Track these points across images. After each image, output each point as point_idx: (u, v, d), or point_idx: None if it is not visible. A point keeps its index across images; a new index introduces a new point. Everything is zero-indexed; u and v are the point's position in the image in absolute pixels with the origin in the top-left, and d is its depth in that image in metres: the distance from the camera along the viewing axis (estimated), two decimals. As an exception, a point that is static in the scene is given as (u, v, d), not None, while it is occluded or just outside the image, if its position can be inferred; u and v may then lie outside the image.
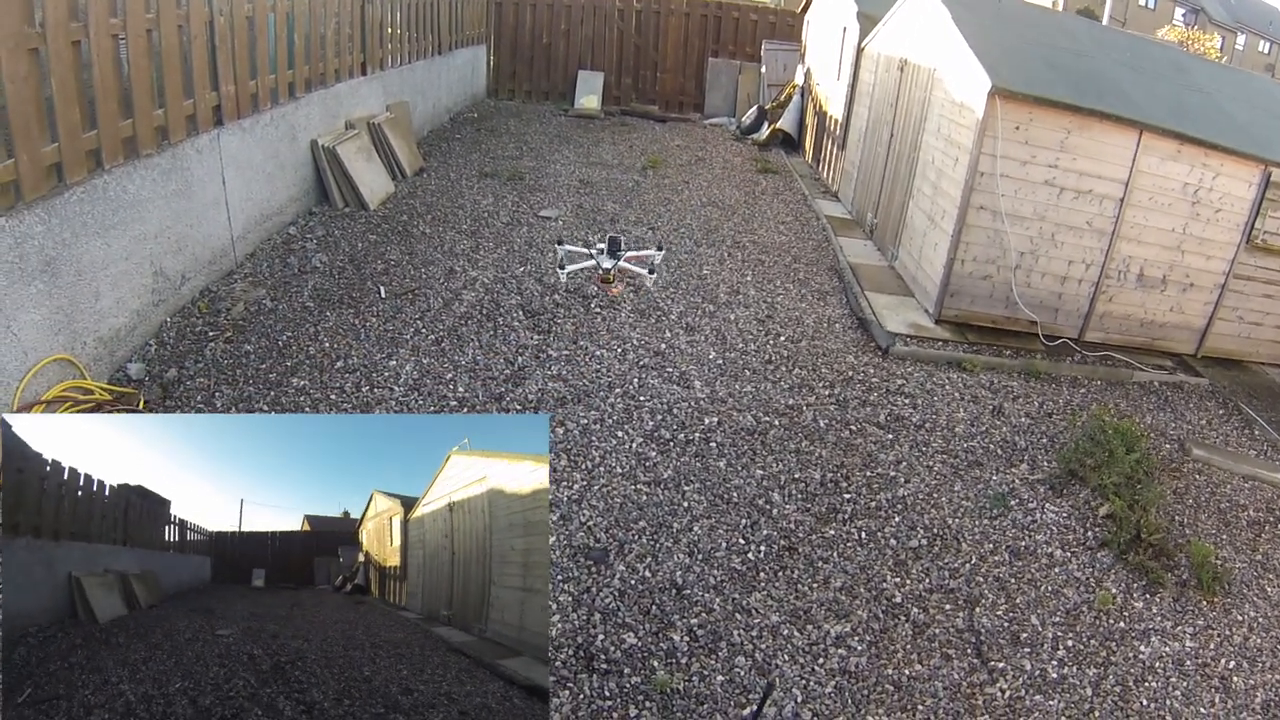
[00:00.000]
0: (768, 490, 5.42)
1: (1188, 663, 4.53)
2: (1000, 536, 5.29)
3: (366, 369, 6.16)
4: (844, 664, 4.20)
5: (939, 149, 8.31)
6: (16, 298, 4.73)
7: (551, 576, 4.46)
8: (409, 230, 9.00)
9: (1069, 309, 7.94)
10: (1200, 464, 6.43)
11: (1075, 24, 10.79)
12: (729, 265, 9.12)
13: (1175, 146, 7.40)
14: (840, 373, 6.99)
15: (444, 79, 14.61)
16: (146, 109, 6.03)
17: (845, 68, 12.67)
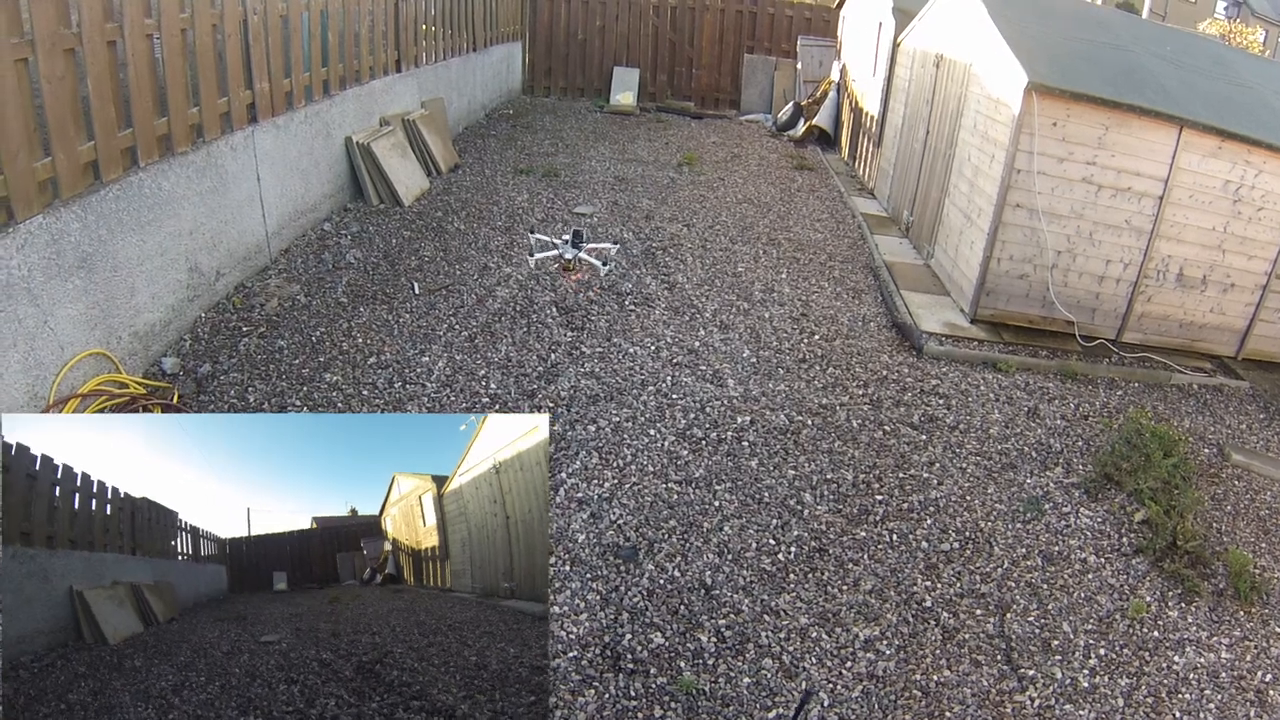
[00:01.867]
0: (799, 490, 5.39)
1: (1223, 675, 4.45)
2: (1033, 541, 5.23)
3: (399, 365, 6.19)
4: (872, 668, 4.17)
5: (975, 146, 8.23)
6: (53, 293, 4.79)
7: (579, 574, 4.46)
8: (443, 227, 9.03)
9: (1106, 309, 7.83)
10: (1240, 470, 6.33)
11: (1114, 18, 10.63)
12: (764, 263, 9.08)
13: (1216, 143, 7.27)
14: (874, 372, 6.94)
15: (479, 75, 14.64)
16: (181, 107, 6.09)
17: (881, 63, 12.58)
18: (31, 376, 4.66)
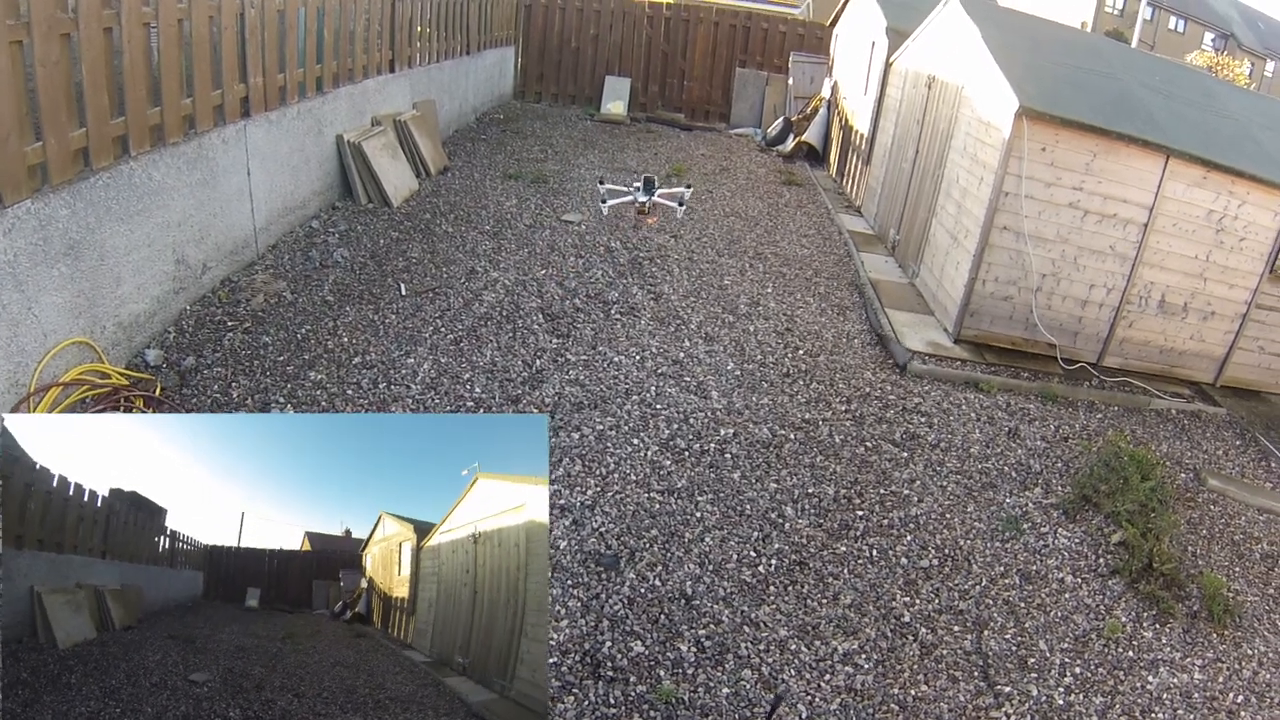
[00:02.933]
0: (781, 504, 5.41)
1: (1195, 695, 4.50)
2: (1011, 560, 5.27)
3: (384, 366, 6.18)
4: (850, 681, 4.19)
5: (964, 167, 8.29)
6: (39, 280, 4.76)
7: (560, 580, 4.47)
8: (431, 229, 9.03)
9: (1088, 333, 7.90)
10: (1215, 495, 6.39)
11: (1104, 46, 10.74)
12: (750, 276, 9.12)
13: (1202, 173, 7.36)
14: (857, 389, 6.98)
15: (471, 79, 14.65)
16: (175, 98, 6.07)
17: (872, 82, 12.66)
18: (14, 363, 4.62)
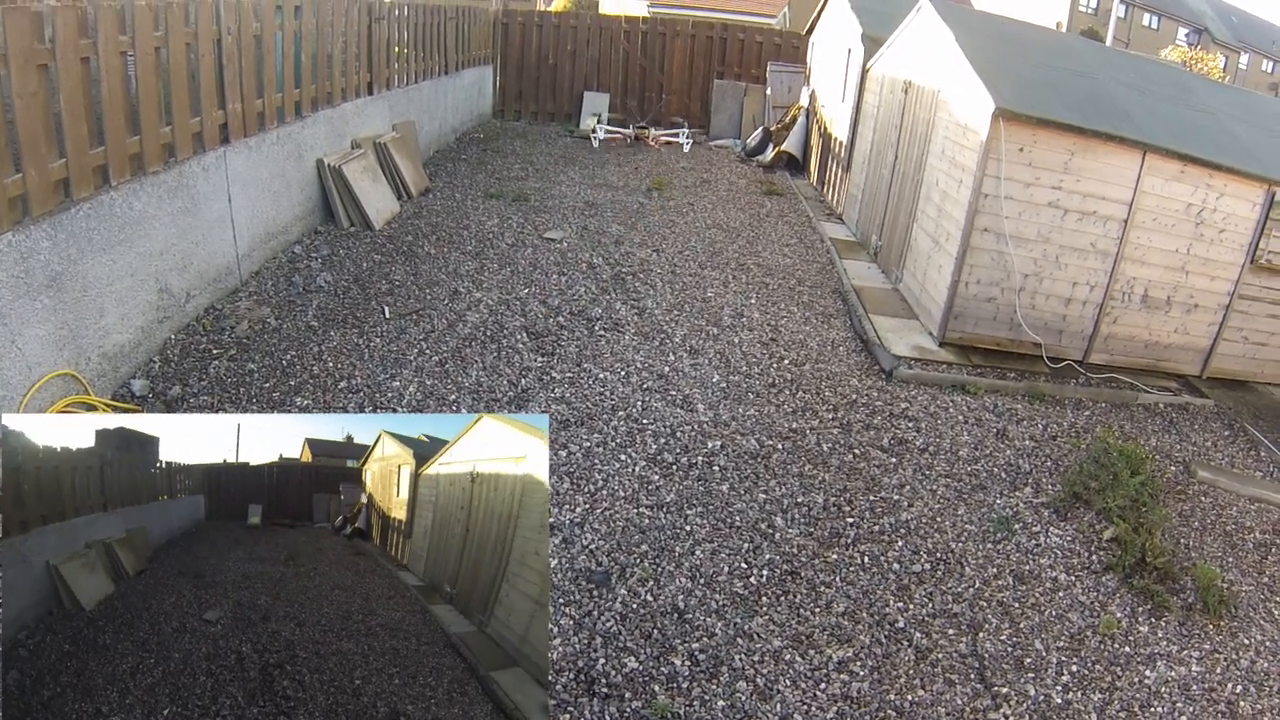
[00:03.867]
0: (770, 514, 5.40)
1: (1194, 687, 4.49)
2: (1004, 561, 5.26)
3: (370, 389, 6.16)
4: (846, 689, 4.17)
5: (943, 171, 8.32)
6: (22, 312, 4.74)
7: (552, 599, 4.45)
8: (414, 251, 9.02)
9: (1073, 331, 7.92)
10: (1206, 486, 6.40)
11: (1079, 45, 10.81)
12: (733, 288, 9.13)
13: (1179, 167, 7.39)
14: (844, 396, 6.98)
15: (450, 99, 14.67)
16: (154, 126, 6.06)
17: (850, 89, 12.71)
18: (-2, 397, 4.60)
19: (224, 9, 6.91)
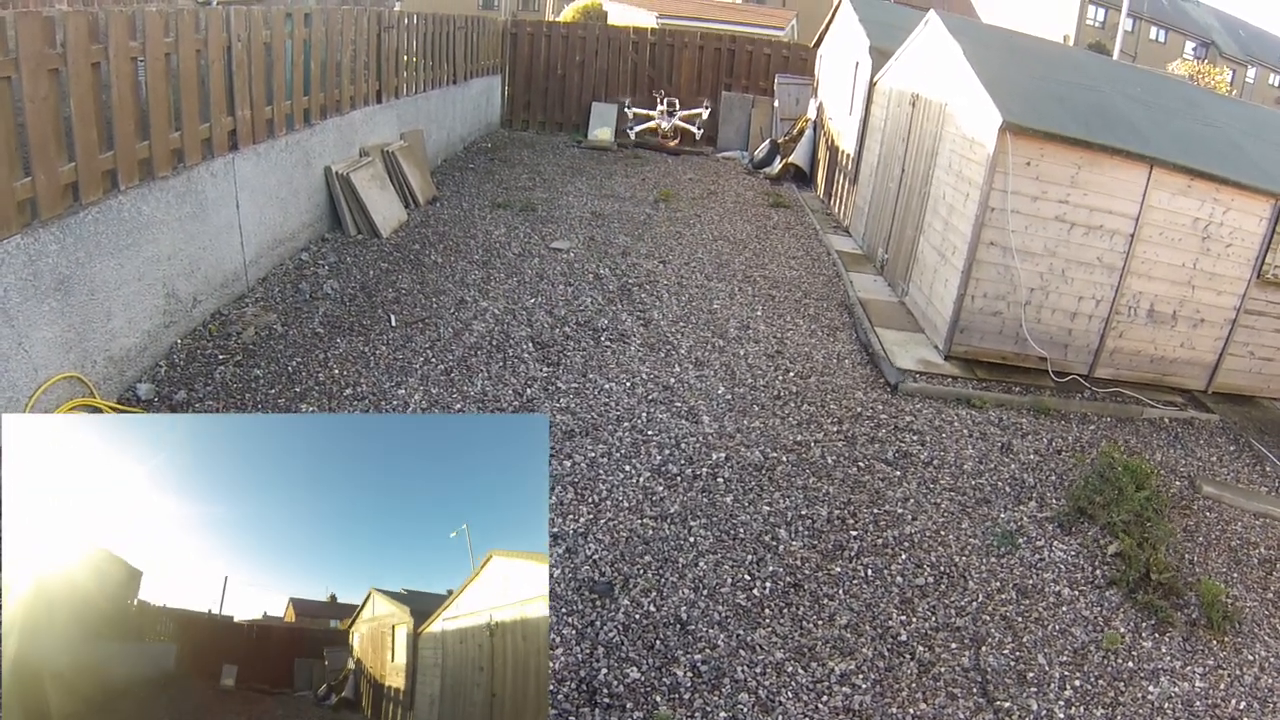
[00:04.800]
0: (774, 526, 5.39)
1: (1197, 703, 4.47)
2: (1008, 575, 5.25)
3: (375, 397, 6.17)
4: (848, 702, 4.16)
5: (950, 184, 8.33)
6: (29, 315, 4.77)
7: (554, 609, 4.45)
8: (421, 259, 9.04)
9: (1079, 345, 7.92)
10: (1211, 501, 6.39)
11: (1086, 59, 10.83)
12: (739, 300, 9.14)
13: (1186, 181, 7.39)
14: (849, 409, 6.98)
15: (459, 108, 14.72)
16: (163, 131, 6.09)
17: (857, 102, 12.73)
18: (4, 398, 4.63)
19: (234, 16, 6.95)
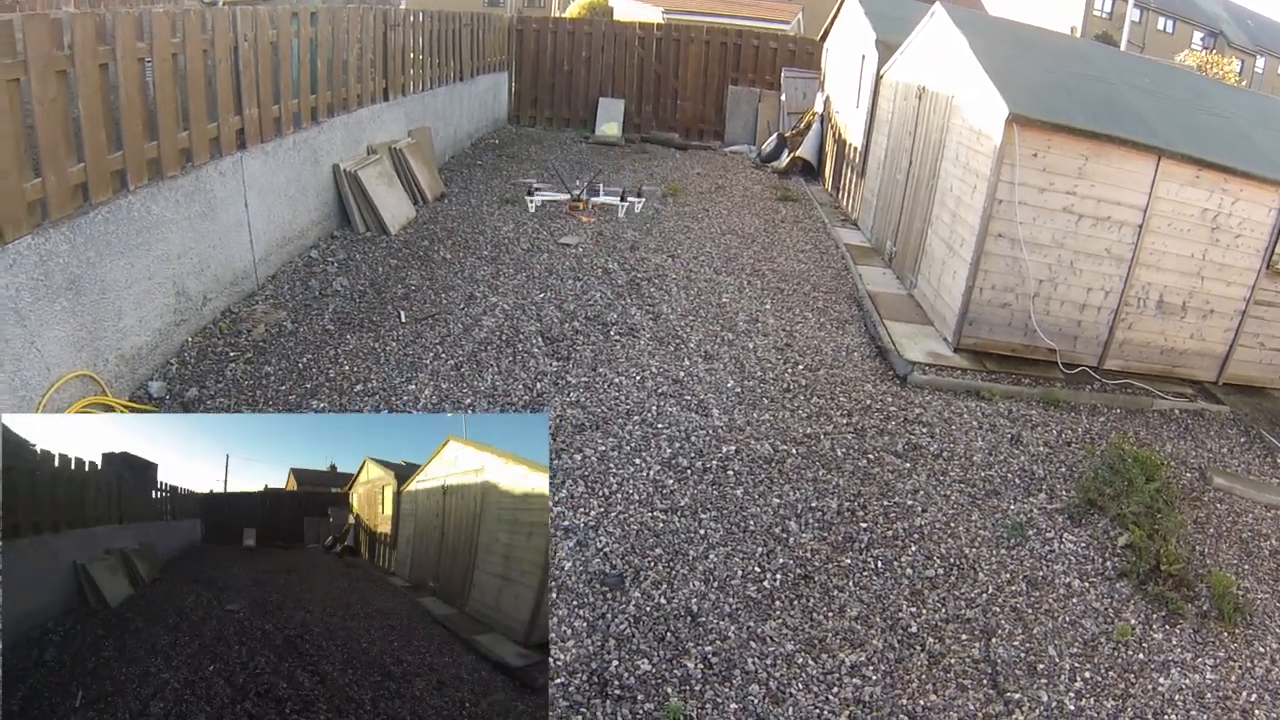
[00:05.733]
0: (784, 519, 5.40)
1: (1208, 695, 4.48)
2: (1018, 566, 5.25)
3: (386, 392, 6.19)
4: (858, 693, 4.18)
5: (957, 176, 8.32)
6: (41, 314, 4.80)
7: (565, 602, 4.47)
8: (430, 255, 9.07)
9: (1088, 337, 7.91)
10: (1221, 493, 6.38)
11: (1093, 50, 10.80)
12: (748, 293, 9.14)
13: (1194, 172, 7.37)
14: (858, 401, 6.98)
15: (465, 105, 14.74)
16: (171, 131, 6.12)
17: (864, 95, 12.71)
18: (18, 397, 4.65)
19: (240, 16, 6.97)
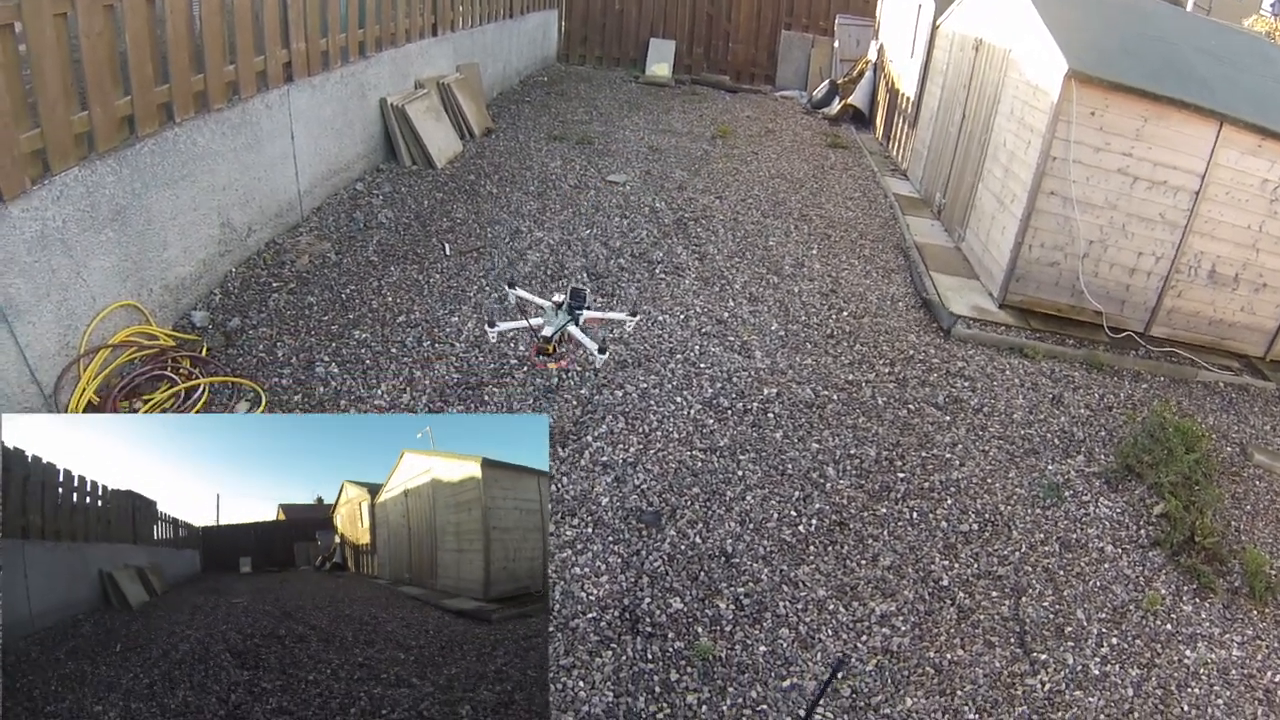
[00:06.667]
0: (822, 464, 5.42)
1: (1233, 672, 4.47)
2: (1052, 527, 5.25)
3: (428, 324, 6.24)
4: (887, 643, 4.21)
5: (1011, 131, 8.19)
6: (87, 245, 4.86)
7: (600, 537, 4.52)
8: (475, 190, 9.06)
9: (1135, 302, 7.80)
10: (1261, 470, 6.31)
11: (1157, 9, 10.52)
12: (794, 238, 9.09)
13: (1257, 141, 7.20)
14: (901, 351, 6.96)
15: (514, 42, 14.62)
16: (218, 64, 6.11)
17: (919, 45, 12.49)
18: (64, 326, 4.73)
19: (290, -51, 6.94)
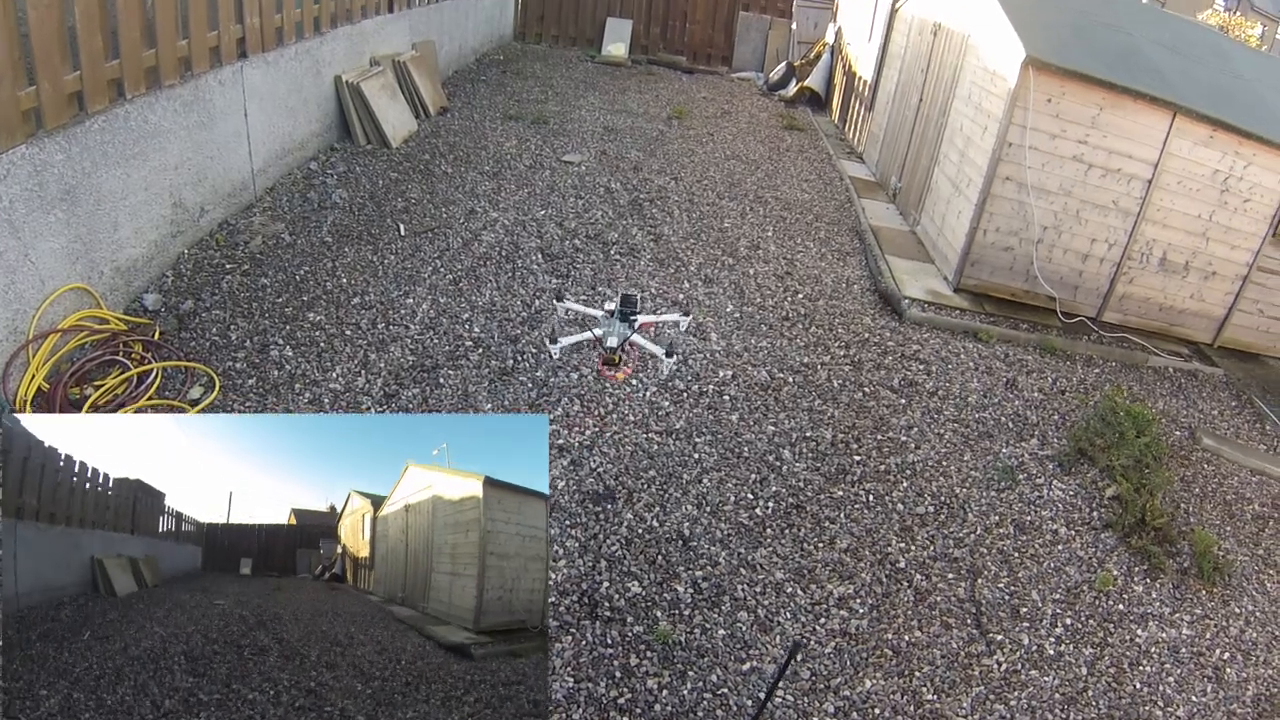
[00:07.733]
0: (779, 447, 5.43)
1: (1183, 650, 4.56)
2: (1006, 509, 5.31)
3: (383, 306, 6.16)
4: (845, 625, 4.24)
5: (968, 116, 8.24)
6: (35, 226, 4.70)
7: (558, 520, 4.50)
8: (431, 169, 8.96)
9: (1088, 287, 7.90)
10: (1209, 454, 6.43)
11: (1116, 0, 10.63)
12: (750, 220, 9.09)
13: (1208, 132, 7.30)
14: (856, 334, 6.98)
15: (471, 20, 14.46)
16: (170, 39, 5.94)
17: (877, 29, 12.53)
18: (11, 310, 4.60)
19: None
